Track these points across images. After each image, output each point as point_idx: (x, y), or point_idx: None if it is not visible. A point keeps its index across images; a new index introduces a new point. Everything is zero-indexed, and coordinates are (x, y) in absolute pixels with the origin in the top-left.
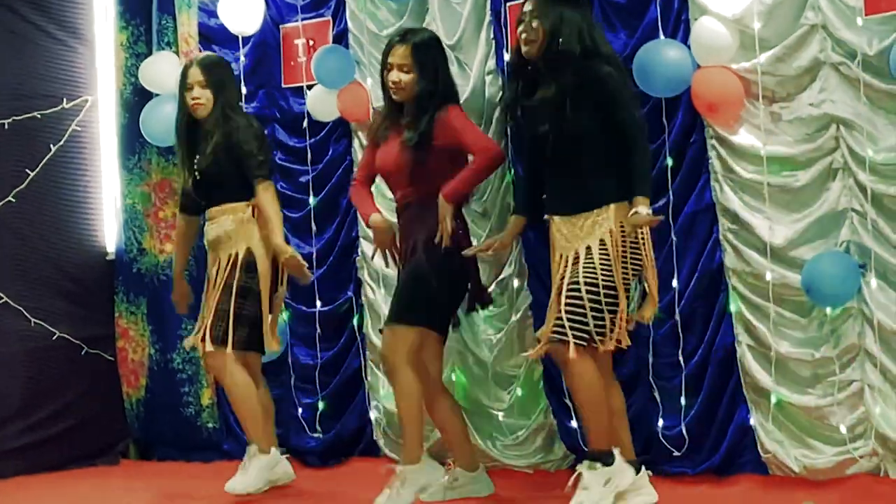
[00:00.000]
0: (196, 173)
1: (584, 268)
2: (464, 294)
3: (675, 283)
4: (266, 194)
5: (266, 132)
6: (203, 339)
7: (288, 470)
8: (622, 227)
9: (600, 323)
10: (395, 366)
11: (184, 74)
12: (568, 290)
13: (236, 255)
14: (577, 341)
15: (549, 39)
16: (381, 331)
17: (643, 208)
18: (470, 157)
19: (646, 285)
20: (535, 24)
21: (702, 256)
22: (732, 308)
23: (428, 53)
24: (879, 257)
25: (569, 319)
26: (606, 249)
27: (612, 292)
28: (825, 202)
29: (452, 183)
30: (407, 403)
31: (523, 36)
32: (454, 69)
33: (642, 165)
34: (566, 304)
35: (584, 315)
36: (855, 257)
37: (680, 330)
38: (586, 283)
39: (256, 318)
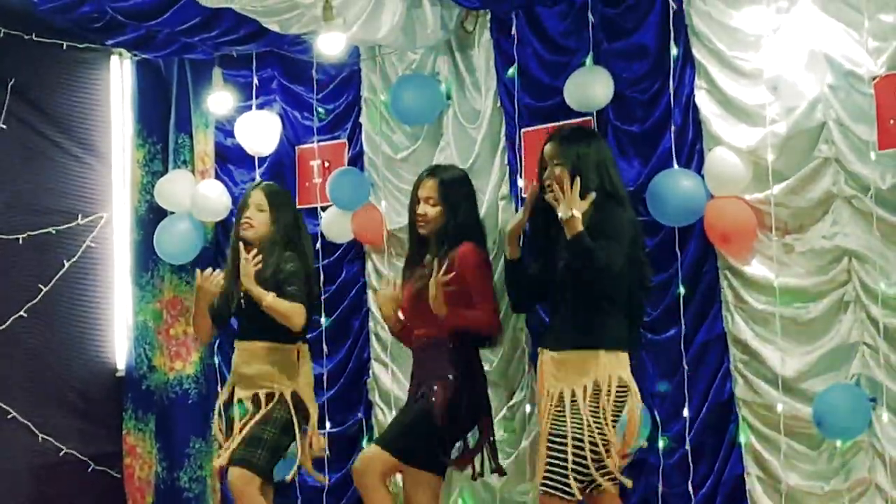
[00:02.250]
0: (242, 301)
1: (571, 419)
2: (461, 434)
3: (685, 412)
4: (292, 307)
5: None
6: (235, 463)
7: None
8: (610, 382)
9: (586, 477)
10: (367, 484)
11: (245, 195)
12: (555, 442)
13: (280, 394)
14: (564, 495)
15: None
16: None
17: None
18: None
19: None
20: (557, 171)
21: (713, 386)
22: (742, 439)
23: (455, 190)
24: (891, 391)
25: (556, 474)
26: (598, 400)
27: (596, 447)
28: (837, 335)
29: (462, 315)
30: None
31: (546, 183)
32: None
33: (595, 248)
34: (553, 458)
35: (568, 469)
36: (866, 391)
37: (690, 460)
38: (574, 438)
39: (281, 452)
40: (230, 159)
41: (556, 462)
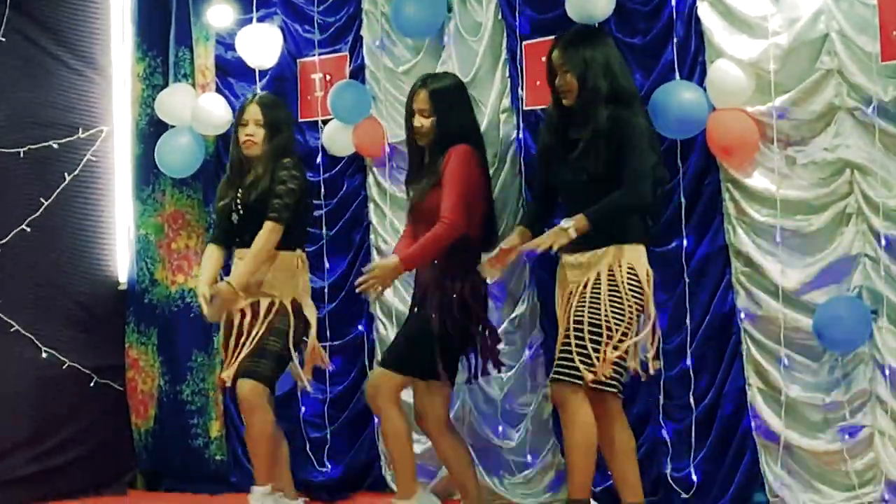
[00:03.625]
0: (239, 208)
1: (576, 307)
2: (466, 345)
3: (687, 324)
4: (268, 234)
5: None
6: (243, 375)
7: None
8: (627, 268)
9: (587, 361)
10: (380, 406)
11: (242, 109)
12: (565, 331)
13: (281, 303)
14: (573, 380)
15: (580, 86)
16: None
17: (569, 223)
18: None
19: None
20: (567, 77)
21: (714, 298)
22: (743, 351)
23: (447, 98)
24: (892, 303)
25: (566, 360)
26: (599, 287)
27: (599, 330)
28: (838, 247)
29: (413, 248)
30: (395, 442)
31: (560, 89)
32: None
33: (619, 203)
34: (562, 345)
35: (581, 355)
36: (867, 302)
37: (691, 372)
38: (576, 322)
39: (287, 362)
40: (231, 72)
41: (568, 349)
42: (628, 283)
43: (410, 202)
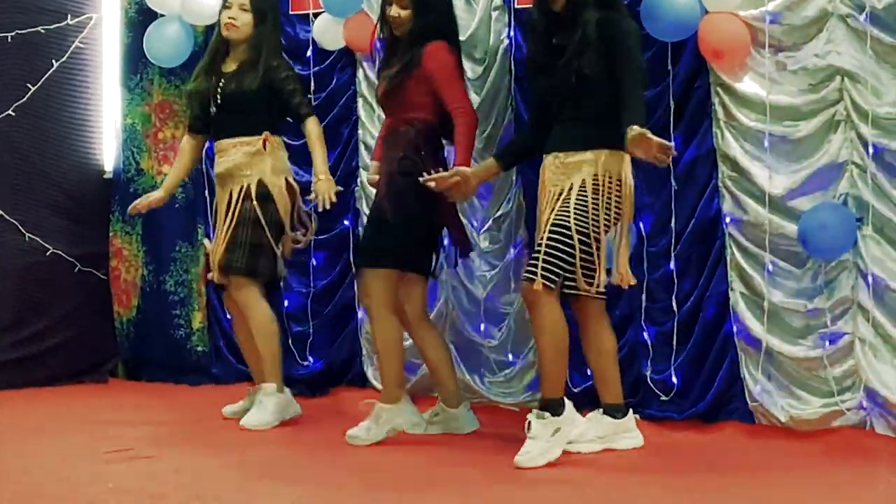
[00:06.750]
0: (218, 98)
1: (560, 209)
2: (436, 230)
3: (672, 227)
4: (317, 128)
5: None
6: (225, 273)
7: (296, 407)
8: (609, 176)
9: (570, 267)
10: (373, 312)
11: None
12: (543, 231)
13: (248, 186)
14: (545, 282)
15: None
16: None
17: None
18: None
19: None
20: None
21: (700, 202)
22: (728, 255)
23: None
24: (877, 211)
25: (542, 260)
26: (585, 193)
27: (585, 238)
28: (826, 154)
29: (461, 155)
30: (385, 346)
31: None
32: (461, 4)
33: (641, 95)
34: (538, 245)
35: (555, 257)
36: (852, 210)
37: (674, 275)
38: (558, 225)
39: (272, 248)
40: None
41: (543, 250)
42: (616, 195)
43: (383, 90)
